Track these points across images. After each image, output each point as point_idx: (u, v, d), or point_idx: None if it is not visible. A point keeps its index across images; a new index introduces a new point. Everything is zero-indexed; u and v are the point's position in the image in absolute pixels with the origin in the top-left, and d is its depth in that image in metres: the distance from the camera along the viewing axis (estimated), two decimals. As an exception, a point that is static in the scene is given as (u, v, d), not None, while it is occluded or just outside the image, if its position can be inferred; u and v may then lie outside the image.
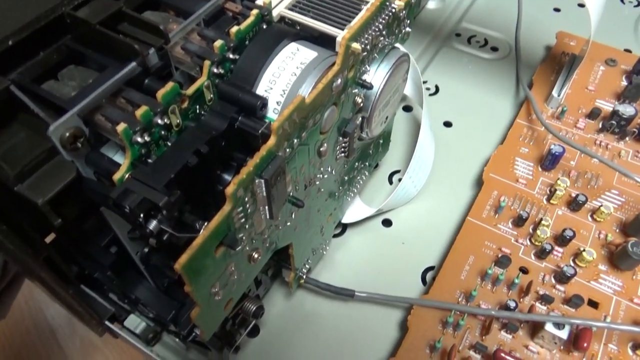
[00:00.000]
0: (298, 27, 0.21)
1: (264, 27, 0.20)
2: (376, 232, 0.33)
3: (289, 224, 0.22)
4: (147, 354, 0.26)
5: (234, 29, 0.19)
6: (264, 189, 0.17)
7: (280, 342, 0.28)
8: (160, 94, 0.17)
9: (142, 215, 0.16)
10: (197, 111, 0.19)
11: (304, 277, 0.28)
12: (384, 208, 0.32)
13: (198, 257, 0.16)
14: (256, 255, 0.20)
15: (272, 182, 0.17)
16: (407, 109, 0.40)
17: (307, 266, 0.28)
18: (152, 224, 0.17)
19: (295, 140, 0.18)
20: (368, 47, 0.20)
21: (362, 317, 0.29)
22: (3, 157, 0.15)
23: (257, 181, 0.17)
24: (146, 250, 0.23)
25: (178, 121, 0.18)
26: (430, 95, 0.40)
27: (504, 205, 0.30)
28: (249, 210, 0.17)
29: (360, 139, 0.26)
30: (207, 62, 0.18)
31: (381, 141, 0.32)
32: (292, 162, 0.19)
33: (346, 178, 0.28)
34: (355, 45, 0.19)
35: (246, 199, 0.17)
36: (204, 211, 0.18)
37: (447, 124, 0.38)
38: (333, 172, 0.24)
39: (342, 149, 0.24)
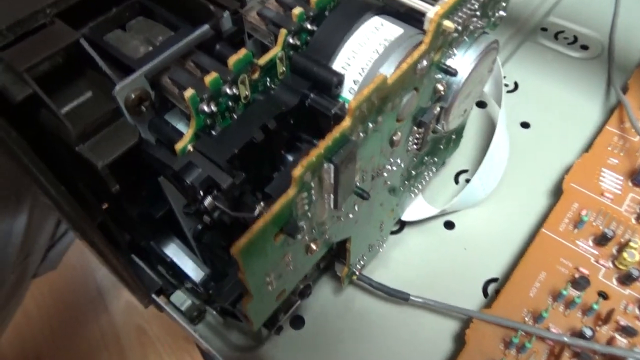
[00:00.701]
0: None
1: (346, -3, 0.18)
2: (437, 234, 0.30)
3: (351, 216, 0.20)
4: (189, 332, 0.26)
5: (316, -4, 0.17)
6: (332, 174, 0.16)
7: (324, 337, 0.27)
8: (232, 60, 0.15)
9: (201, 192, 0.15)
10: (267, 84, 0.17)
11: (357, 273, 0.27)
12: (448, 209, 0.30)
13: (256, 243, 0.14)
14: (314, 247, 0.18)
15: (342, 168, 0.15)
16: (481, 104, 0.37)
17: (361, 262, 0.27)
18: (207, 200, 0.16)
19: (371, 125, 0.17)
20: (459, 27, 0.18)
21: (414, 323, 0.27)
22: (67, 115, 0.14)
23: (326, 166, 0.15)
24: (199, 227, 0.22)
25: (247, 93, 0.17)
26: (508, 92, 0.37)
27: (586, 220, 0.27)
28: (313, 197, 0.16)
29: (435, 131, 0.24)
30: (283, 31, 0.17)
31: (453, 137, 0.30)
32: (363, 149, 0.18)
33: (413, 173, 0.26)
34: (448, 24, 0.17)
35: (312, 184, 0.15)
36: (262, 192, 0.16)
37: (525, 125, 0.35)
38: (402, 164, 0.22)
39: (415, 141, 0.22)
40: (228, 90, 0.16)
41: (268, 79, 0.17)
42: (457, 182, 0.33)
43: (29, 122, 0.15)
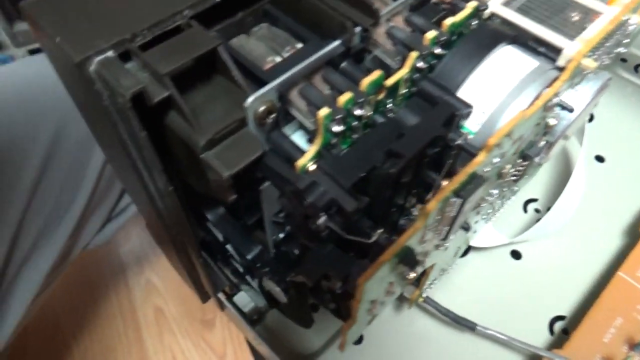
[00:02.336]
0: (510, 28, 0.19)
1: (476, 24, 0.18)
2: (502, 262, 0.30)
3: (447, 245, 0.20)
4: (250, 332, 0.25)
5: (448, 20, 0.17)
6: (456, 208, 0.15)
7: (382, 355, 0.27)
8: (366, 82, 0.15)
9: (323, 212, 0.15)
10: (386, 105, 0.17)
11: (424, 296, 0.26)
12: (518, 240, 0.29)
13: (380, 274, 0.14)
14: (412, 275, 0.18)
15: (466, 203, 0.15)
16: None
17: (431, 286, 0.26)
18: (321, 220, 0.15)
19: (496, 160, 0.16)
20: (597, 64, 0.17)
21: (476, 354, 0.26)
22: (198, 120, 0.14)
23: (452, 199, 0.15)
24: (281, 236, 0.22)
25: (369, 113, 0.16)
26: (583, 122, 0.36)
27: (669, 269, 0.26)
28: (431, 229, 0.15)
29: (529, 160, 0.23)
30: (413, 54, 0.16)
31: (533, 171, 0.29)
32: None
33: (490, 210, 0.25)
34: (589, 63, 0.16)
35: (436, 217, 0.15)
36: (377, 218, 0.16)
37: (599, 159, 0.34)
38: (495, 195, 0.22)
39: (515, 173, 0.21)
40: (356, 111, 0.15)
41: (390, 101, 0.17)
42: (525, 210, 0.32)
43: (156, 123, 0.15)
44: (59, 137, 0.34)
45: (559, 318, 0.27)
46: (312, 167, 0.15)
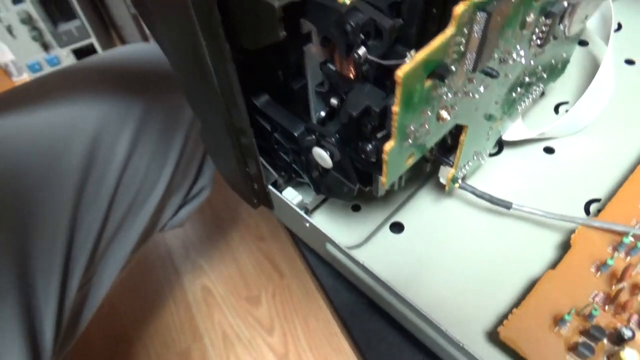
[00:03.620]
0: None
1: None
2: (536, 157, 0.31)
3: (476, 96, 0.21)
4: (303, 217, 0.27)
5: None
6: (482, 26, 0.17)
7: (423, 243, 0.28)
8: None
9: (362, 35, 0.17)
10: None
11: (460, 181, 0.28)
12: (548, 133, 0.30)
13: (417, 73, 0.16)
14: (445, 114, 0.20)
15: (492, 21, 0.17)
16: (583, 43, 0.36)
17: (465, 170, 0.27)
18: (362, 50, 0.17)
19: (516, -10, 0.18)
20: None
21: (515, 233, 0.28)
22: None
23: (479, 15, 0.16)
24: (323, 113, 0.24)
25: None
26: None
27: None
28: (461, 49, 0.17)
29: (555, 36, 0.24)
30: None
31: (559, 66, 0.30)
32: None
33: (518, 89, 0.27)
34: None
35: (465, 30, 0.16)
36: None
37: (630, 62, 0.35)
38: (522, 60, 0.23)
39: (540, 34, 0.22)
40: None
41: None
42: (557, 112, 0.33)
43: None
44: (144, 122, 0.37)
45: (595, 200, 0.28)
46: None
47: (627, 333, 0.21)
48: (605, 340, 0.21)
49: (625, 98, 0.32)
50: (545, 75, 0.29)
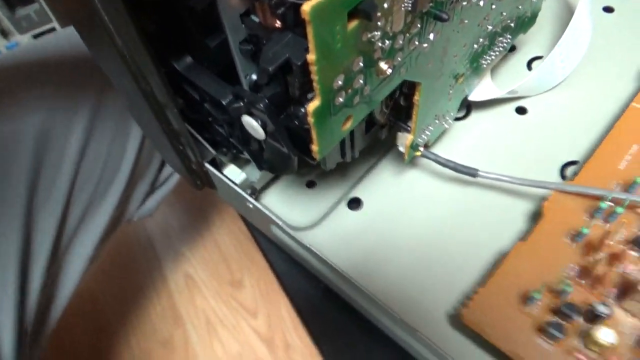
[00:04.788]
0: None
1: None
2: (507, 118, 0.28)
3: (425, 45, 0.18)
4: (246, 198, 0.24)
5: None
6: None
7: (383, 219, 0.25)
8: None
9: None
10: None
11: (422, 149, 0.25)
12: (520, 91, 0.27)
13: (332, 8, 0.12)
14: (385, 67, 0.16)
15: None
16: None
17: (425, 135, 0.24)
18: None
19: None
20: None
21: (483, 203, 0.25)
22: None
23: None
24: (254, 77, 0.21)
25: None
26: (588, -22, 0.33)
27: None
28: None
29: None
30: None
31: (528, 14, 0.27)
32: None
33: (481, 40, 0.23)
34: None
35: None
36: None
37: (608, 9, 0.32)
38: (481, 1, 0.20)
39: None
40: None
41: None
42: (530, 68, 0.30)
43: None
44: (99, 108, 0.34)
45: (572, 163, 0.26)
46: None
47: (602, 309, 0.18)
48: (580, 319, 0.19)
49: (603, 50, 0.29)
50: (512, 25, 0.25)
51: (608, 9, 0.32)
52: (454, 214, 0.25)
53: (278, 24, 0.17)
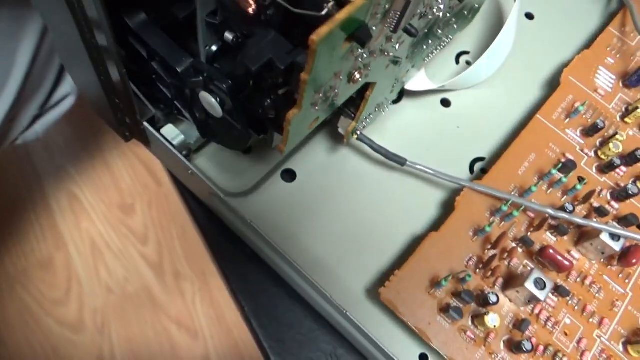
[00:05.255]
0: None
1: None
2: (433, 110, 0.30)
3: (391, 54, 0.19)
4: (184, 162, 0.24)
5: None
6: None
7: (314, 192, 0.27)
8: None
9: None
10: None
11: (359, 133, 0.26)
12: (448, 86, 0.30)
13: (335, 37, 0.13)
14: (358, 76, 0.17)
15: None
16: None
17: (365, 123, 0.26)
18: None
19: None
20: None
21: (405, 188, 0.27)
22: None
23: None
24: (214, 48, 0.20)
25: None
26: (518, -20, 0.36)
27: (581, 111, 0.28)
28: (386, 7, 0.14)
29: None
30: None
31: (470, 16, 0.28)
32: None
33: (430, 42, 0.25)
34: None
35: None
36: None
37: (529, 16, 0.35)
38: (441, 13, 0.21)
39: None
40: None
41: None
42: (457, 62, 0.33)
43: None
44: None
45: (480, 159, 0.29)
46: None
47: (493, 298, 0.22)
48: (472, 304, 0.23)
49: (522, 54, 0.33)
50: (456, 26, 0.27)
51: (529, 16, 0.35)
52: (378, 196, 0.27)
53: (252, 8, 0.16)
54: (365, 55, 0.16)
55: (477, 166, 0.29)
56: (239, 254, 0.26)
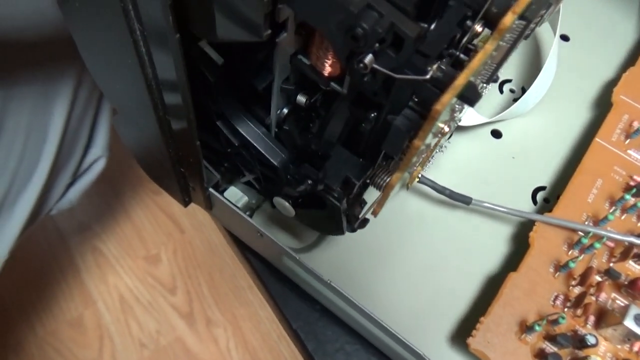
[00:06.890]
0: None
1: None
2: (485, 142, 0.30)
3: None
4: (250, 223, 0.23)
5: None
6: (517, 33, 0.14)
7: (379, 241, 0.26)
8: None
9: (377, 44, 0.12)
10: None
11: (420, 175, 0.25)
12: (498, 119, 0.29)
13: (451, 102, 0.12)
14: (446, 129, 0.17)
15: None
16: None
17: (427, 166, 0.25)
18: (368, 58, 0.13)
19: None
20: None
21: (469, 228, 0.27)
22: None
23: (516, 21, 0.13)
24: (285, 111, 0.20)
25: None
26: (548, 4, 0.36)
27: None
28: (488, 62, 0.14)
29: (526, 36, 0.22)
30: None
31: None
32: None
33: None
34: None
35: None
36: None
37: (564, 38, 0.34)
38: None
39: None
40: None
41: None
42: (501, 91, 0.32)
43: None
44: (9, 98, 0.29)
45: (540, 189, 0.28)
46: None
47: (591, 340, 0.21)
48: (570, 347, 0.22)
49: (563, 77, 0.32)
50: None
51: (564, 37, 0.34)
52: (443, 237, 0.26)
53: (328, 71, 0.16)
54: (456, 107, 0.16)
55: (539, 196, 0.28)
56: (308, 310, 0.26)
